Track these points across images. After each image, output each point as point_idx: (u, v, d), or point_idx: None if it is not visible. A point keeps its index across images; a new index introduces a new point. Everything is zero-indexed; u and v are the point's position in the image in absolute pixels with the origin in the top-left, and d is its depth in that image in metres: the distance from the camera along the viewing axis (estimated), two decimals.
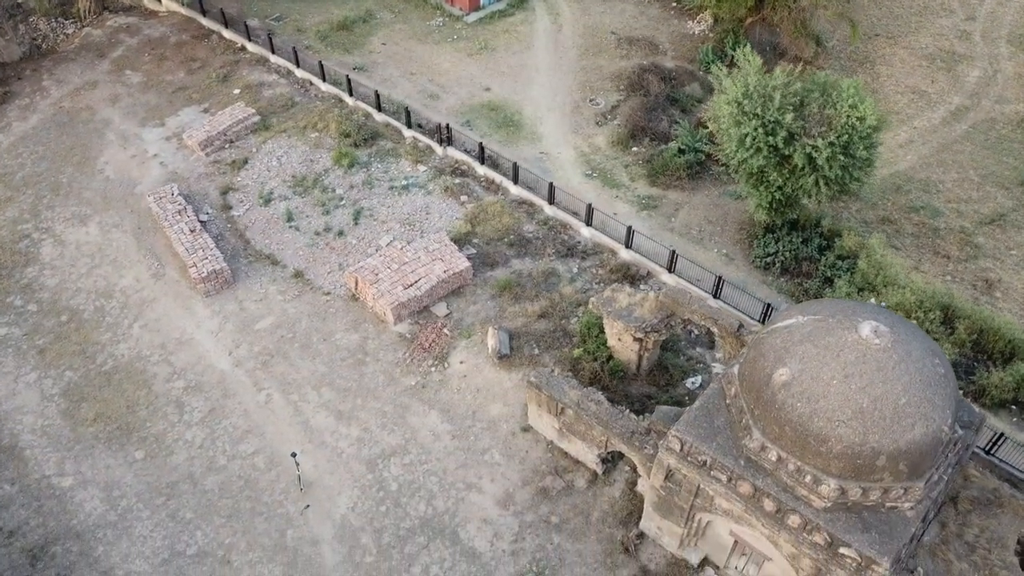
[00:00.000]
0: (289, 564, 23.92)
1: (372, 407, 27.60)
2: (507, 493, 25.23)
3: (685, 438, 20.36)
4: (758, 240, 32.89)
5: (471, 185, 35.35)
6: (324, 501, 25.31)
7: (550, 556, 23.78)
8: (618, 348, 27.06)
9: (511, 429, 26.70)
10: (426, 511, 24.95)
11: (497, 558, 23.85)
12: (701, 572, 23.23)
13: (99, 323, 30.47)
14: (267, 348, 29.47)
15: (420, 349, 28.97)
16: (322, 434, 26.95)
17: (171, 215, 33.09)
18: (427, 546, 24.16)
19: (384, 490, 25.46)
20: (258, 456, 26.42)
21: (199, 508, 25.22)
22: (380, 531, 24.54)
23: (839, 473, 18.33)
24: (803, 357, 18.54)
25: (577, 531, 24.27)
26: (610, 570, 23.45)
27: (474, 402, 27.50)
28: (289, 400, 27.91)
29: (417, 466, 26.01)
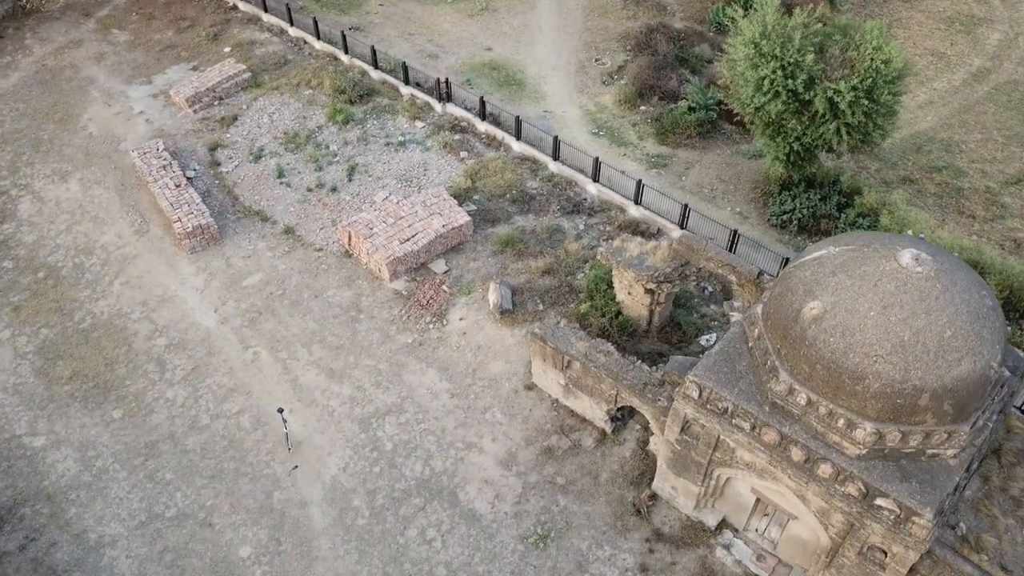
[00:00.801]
0: (275, 527, 22.25)
1: (366, 365, 25.93)
2: (509, 453, 23.56)
3: (704, 383, 18.69)
4: (773, 198, 31.22)
5: (471, 142, 33.67)
6: (314, 462, 23.63)
7: (556, 518, 22.11)
8: (628, 303, 25.39)
9: (513, 387, 25.03)
10: (423, 472, 23.28)
11: (499, 520, 22.17)
12: (719, 535, 21.57)
13: (78, 280, 28.80)
14: (255, 305, 27.80)
15: (417, 306, 27.30)
16: (312, 392, 25.28)
17: (155, 170, 31.41)
18: (424, 508, 22.49)
19: (378, 450, 23.79)
20: (244, 415, 24.75)
21: (180, 469, 23.55)
22: (373, 493, 22.87)
23: (876, 415, 16.66)
24: (836, 289, 16.86)
25: (585, 492, 22.60)
26: (620, 533, 21.79)
27: (474, 360, 25.83)
28: (277, 358, 26.24)
29: (413, 425, 24.34)
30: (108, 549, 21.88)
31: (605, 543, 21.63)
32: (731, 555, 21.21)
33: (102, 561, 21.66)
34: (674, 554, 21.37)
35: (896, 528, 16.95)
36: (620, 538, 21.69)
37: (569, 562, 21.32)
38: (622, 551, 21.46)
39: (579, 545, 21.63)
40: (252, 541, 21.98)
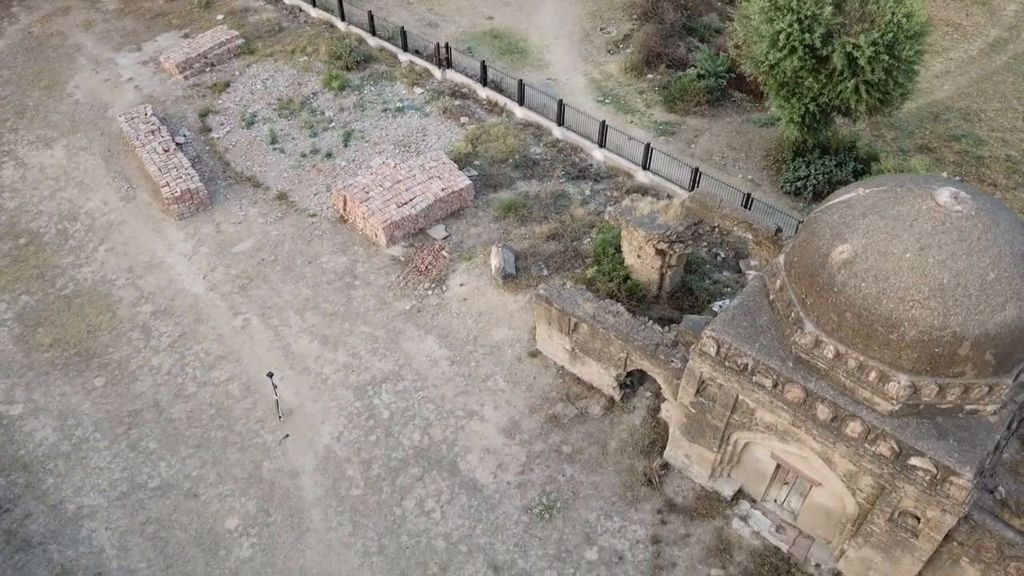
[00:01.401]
0: (264, 498, 20.98)
1: (361, 332, 24.66)
2: (512, 421, 22.30)
3: (722, 338, 17.43)
4: (787, 164, 29.97)
5: (472, 107, 32.41)
6: (306, 430, 22.36)
7: (562, 488, 20.84)
8: (637, 266, 24.13)
9: (516, 354, 23.77)
10: (421, 440, 22.01)
11: (501, 490, 20.91)
12: (735, 505, 20.31)
13: (61, 246, 27.52)
14: (246, 271, 26.53)
15: (415, 272, 26.03)
16: (305, 360, 24.01)
17: (143, 135, 30.15)
18: (422, 478, 21.23)
19: (374, 418, 22.52)
20: (232, 383, 23.48)
21: (164, 438, 22.28)
22: (368, 462, 21.60)
23: (911, 367, 15.40)
24: (868, 231, 15.59)
25: (592, 462, 21.34)
26: (631, 504, 20.52)
27: (475, 327, 24.55)
28: (269, 325, 24.97)
29: (411, 393, 23.07)
30: (87, 520, 20.61)
31: (614, 514, 20.37)
32: (748, 526, 19.95)
33: (80, 533, 20.39)
34: (688, 525, 20.11)
35: (932, 490, 15.69)
36: (630, 509, 20.42)
37: (576, 534, 20.06)
38: (632, 522, 20.21)
39: (587, 516, 20.37)
40: (240, 512, 20.71)
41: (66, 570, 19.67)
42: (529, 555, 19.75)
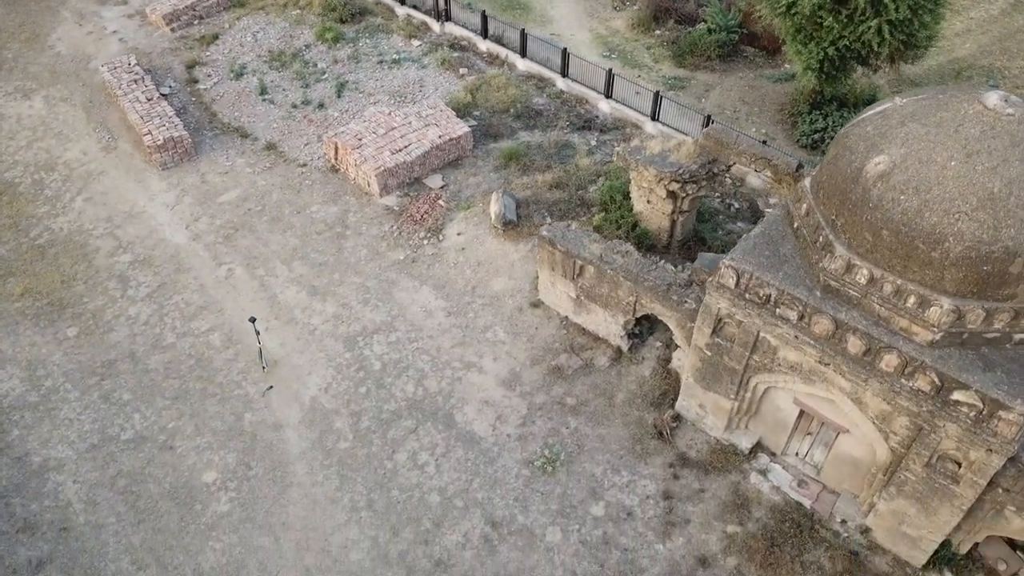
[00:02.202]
0: (245, 451, 19.48)
1: (352, 282, 23.16)
2: (513, 373, 20.79)
3: (743, 268, 15.90)
4: (803, 117, 28.46)
5: (472, 59, 30.92)
6: (291, 382, 20.87)
7: (566, 441, 19.34)
8: (647, 213, 22.62)
9: (517, 305, 22.26)
10: (415, 392, 20.51)
11: (501, 443, 19.41)
12: (753, 459, 18.80)
13: (36, 196, 26.04)
14: (231, 221, 25.03)
15: (410, 221, 24.53)
16: (292, 310, 22.51)
17: (126, 84, 28.68)
18: (415, 430, 19.73)
19: (365, 370, 21.02)
20: (214, 333, 21.98)
21: (139, 389, 20.78)
22: (358, 414, 20.10)
23: (955, 289, 13.89)
24: (907, 139, 14.08)
25: (598, 414, 19.83)
26: (640, 458, 19.01)
27: (474, 277, 23.05)
28: (254, 275, 23.47)
29: (405, 344, 21.57)
30: (53, 473, 19.11)
31: (622, 468, 18.86)
32: (768, 481, 18.44)
33: (45, 486, 18.89)
34: (702, 480, 18.60)
35: (976, 428, 14.17)
36: (639, 463, 18.91)
37: (581, 488, 18.55)
38: (642, 477, 18.69)
39: (592, 470, 18.86)
40: (218, 465, 19.22)
41: (29, 524, 18.18)
42: (530, 510, 18.25)
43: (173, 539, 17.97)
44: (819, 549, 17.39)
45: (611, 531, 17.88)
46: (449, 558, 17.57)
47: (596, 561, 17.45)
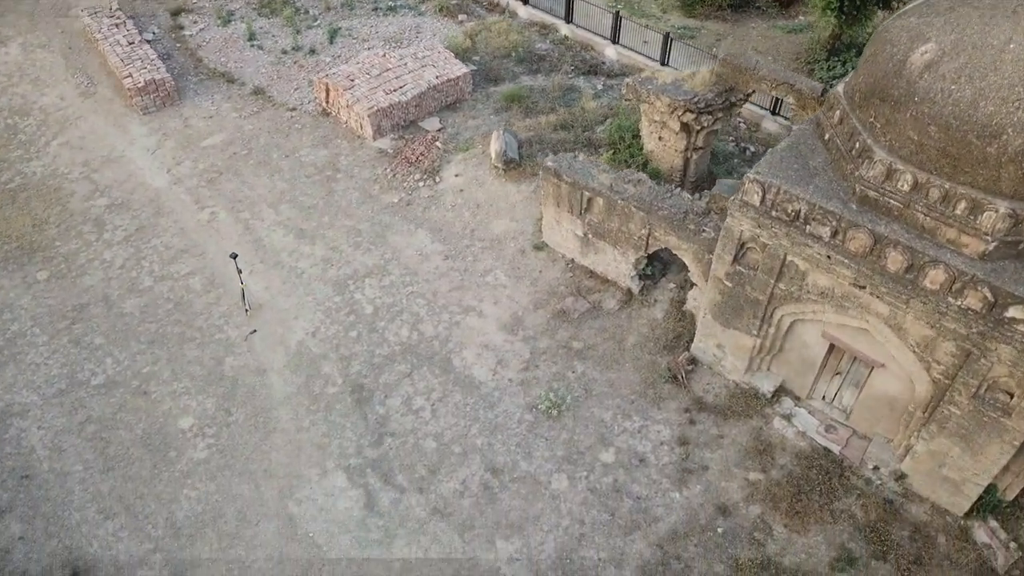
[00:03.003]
0: (225, 396, 18.00)
1: (343, 225, 21.68)
2: (515, 317, 19.32)
3: (769, 182, 14.43)
4: (820, 64, 26.98)
5: (471, 6, 29.50)
6: (276, 326, 19.38)
7: (572, 385, 17.87)
8: (658, 151, 21.17)
9: (520, 247, 20.80)
10: (410, 336, 19.02)
11: (501, 388, 17.95)
12: (776, 403, 17.33)
13: (9, 141, 24.52)
14: (215, 165, 23.54)
15: (405, 163, 23.04)
16: (278, 253, 21.03)
17: (106, 28, 27.21)
18: (410, 375, 18.25)
19: (356, 314, 19.54)
20: (194, 277, 20.49)
21: (112, 333, 19.29)
22: (348, 359, 18.62)
23: (1012, 190, 12.42)
24: (956, 24, 12.62)
25: (607, 358, 18.35)
26: (653, 403, 17.55)
27: (473, 219, 21.57)
28: (239, 218, 21.98)
29: (399, 288, 20.09)
30: (16, 419, 17.61)
31: (633, 413, 17.40)
32: (792, 426, 16.97)
33: (8, 432, 17.38)
34: (720, 426, 17.13)
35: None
36: (652, 408, 17.45)
37: (589, 434, 17.08)
38: (655, 422, 17.23)
39: (601, 415, 17.39)
40: (196, 411, 17.73)
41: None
42: (534, 457, 16.77)
43: (144, 487, 16.48)
44: (850, 497, 15.93)
45: (622, 478, 16.41)
46: (446, 506, 16.10)
47: (606, 509, 15.98)
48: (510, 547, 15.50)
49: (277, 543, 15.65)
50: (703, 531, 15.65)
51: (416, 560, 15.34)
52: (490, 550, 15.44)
